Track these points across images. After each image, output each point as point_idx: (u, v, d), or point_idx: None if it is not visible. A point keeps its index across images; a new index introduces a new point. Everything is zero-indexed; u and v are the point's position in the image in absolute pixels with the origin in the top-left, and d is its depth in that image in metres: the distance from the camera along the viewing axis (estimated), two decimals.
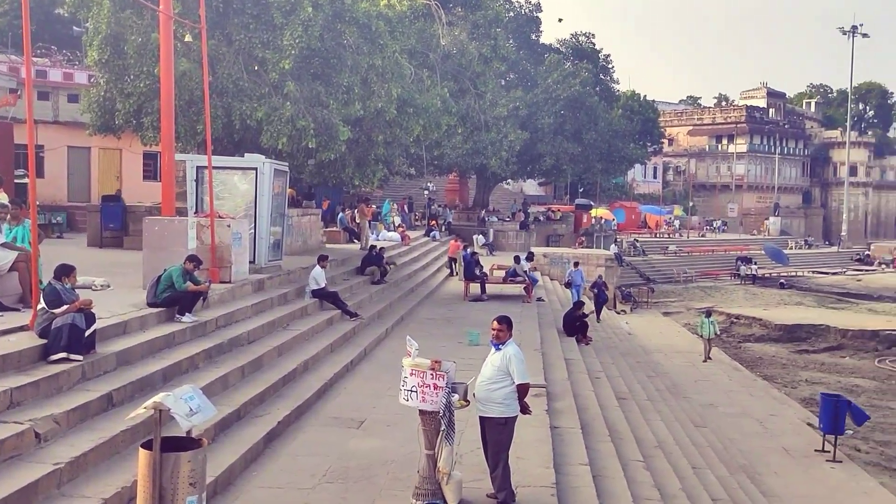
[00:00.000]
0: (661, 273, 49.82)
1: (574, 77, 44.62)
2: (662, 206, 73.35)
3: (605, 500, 8.78)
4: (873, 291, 47.41)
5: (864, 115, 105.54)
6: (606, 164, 50.72)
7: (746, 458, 15.17)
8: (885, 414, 20.38)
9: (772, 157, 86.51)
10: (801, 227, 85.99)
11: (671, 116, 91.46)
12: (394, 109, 18.70)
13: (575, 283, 26.27)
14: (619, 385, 16.30)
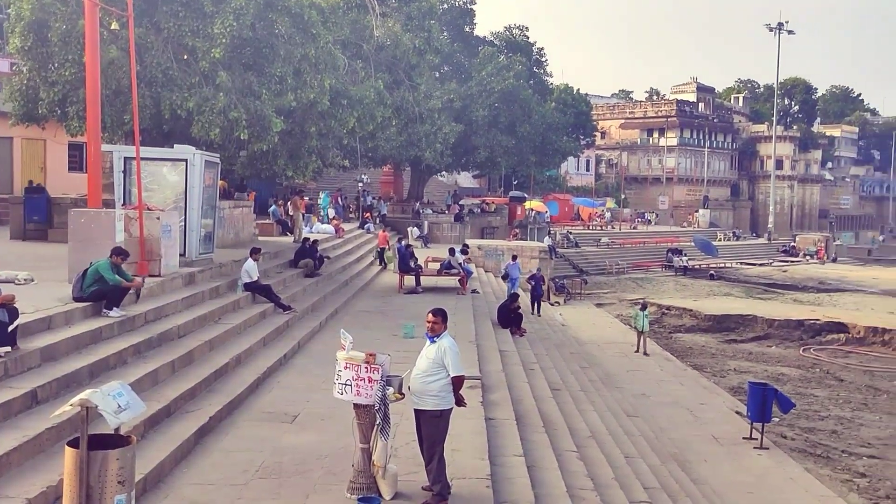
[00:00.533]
0: (594, 265, 50.43)
1: (508, 70, 44.81)
2: (595, 198, 74.25)
3: (539, 491, 8.83)
4: (798, 282, 48.74)
5: (789, 110, 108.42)
6: (540, 156, 51.14)
7: (677, 447, 15.44)
8: (810, 401, 20.96)
9: (701, 151, 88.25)
10: (729, 219, 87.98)
11: (604, 110, 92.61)
12: (327, 101, 18.53)
13: (511, 276, 26.19)
14: (553, 376, 16.43)
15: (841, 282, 49.39)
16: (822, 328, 31.03)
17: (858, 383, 23.80)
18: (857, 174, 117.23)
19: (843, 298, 41.29)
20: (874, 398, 22.05)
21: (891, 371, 26.13)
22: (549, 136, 49.58)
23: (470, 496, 7.63)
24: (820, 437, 17.69)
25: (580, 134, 69.79)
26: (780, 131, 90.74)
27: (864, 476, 14.94)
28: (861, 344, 29.68)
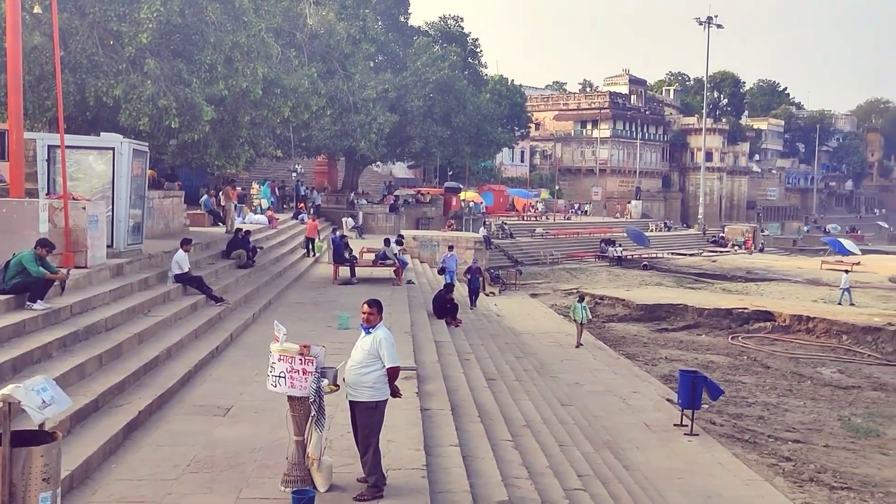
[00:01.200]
0: (529, 255, 50.79)
1: (443, 60, 44.75)
2: (530, 189, 74.78)
3: (475, 480, 8.86)
4: (727, 272, 49.80)
5: (718, 103, 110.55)
6: (475, 147, 51.24)
7: (610, 434, 15.65)
8: (738, 388, 21.43)
9: (634, 143, 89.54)
10: (661, 210, 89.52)
11: (538, 101, 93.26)
12: (259, 90, 18.25)
13: (449, 268, 25.77)
14: (489, 366, 16.49)
15: (768, 271, 50.63)
16: (750, 317, 31.74)
17: (784, 370, 24.42)
18: (783, 166, 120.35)
19: (770, 287, 42.36)
20: (798, 384, 22.65)
21: (814, 358, 26.89)
22: (483, 127, 49.70)
23: (405, 487, 7.61)
24: (747, 422, 18.10)
25: (515, 125, 70.15)
26: (710, 124, 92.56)
27: (789, 460, 15.34)
28: (786, 332, 30.46)
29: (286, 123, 22.36)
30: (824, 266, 54.21)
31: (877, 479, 14.69)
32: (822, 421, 18.80)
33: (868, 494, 13.77)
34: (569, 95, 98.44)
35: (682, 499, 12.59)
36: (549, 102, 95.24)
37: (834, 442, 17.05)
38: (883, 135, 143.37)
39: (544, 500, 9.43)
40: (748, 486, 13.36)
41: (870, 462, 15.82)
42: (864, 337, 28.91)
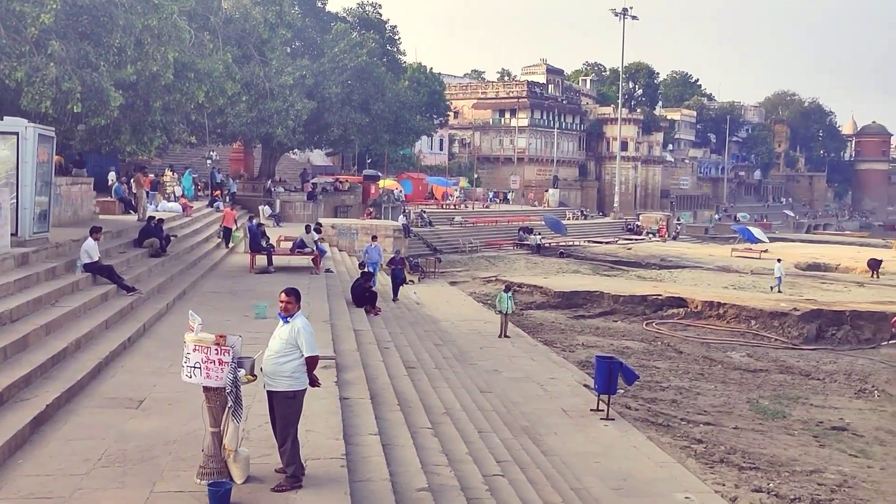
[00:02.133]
0: (448, 243, 50.93)
1: (361, 47, 44.41)
2: (449, 177, 74.91)
3: (394, 468, 8.86)
4: (641, 259, 50.83)
5: (633, 94, 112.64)
6: (394, 135, 51.06)
7: (529, 420, 15.82)
8: (652, 373, 21.92)
9: (551, 132, 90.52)
10: (577, 198, 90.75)
11: (456, 89, 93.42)
12: (171, 74, 17.73)
13: (371, 259, 25.18)
14: (408, 354, 16.49)
15: (681, 259, 51.87)
16: (664, 303, 32.48)
17: (696, 355, 25.09)
18: (695, 156, 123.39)
19: (683, 274, 43.38)
20: (710, 368, 23.30)
21: (725, 342, 27.70)
22: (402, 115, 49.54)
23: (325, 476, 7.56)
24: (661, 406, 18.53)
25: (434, 113, 70.14)
26: (626, 114, 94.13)
27: (700, 442, 15.76)
28: (699, 317, 31.28)
29: (201, 109, 21.83)
30: (734, 253, 55.87)
31: (782, 458, 15.22)
32: (732, 404, 19.38)
33: (774, 473, 14.25)
34: (487, 84, 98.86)
35: (599, 482, 12.82)
36: (468, 91, 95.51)
37: (743, 424, 17.59)
38: (789, 126, 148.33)
39: (464, 486, 9.48)
40: (662, 468, 13.68)
41: (776, 442, 16.38)
42: (772, 322, 29.90)
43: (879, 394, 21.55)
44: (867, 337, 29.31)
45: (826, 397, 20.81)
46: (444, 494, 8.94)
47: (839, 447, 16.40)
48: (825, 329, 29.65)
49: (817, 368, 24.43)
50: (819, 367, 24.58)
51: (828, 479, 14.22)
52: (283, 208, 39.25)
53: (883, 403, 20.58)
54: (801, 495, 13.21)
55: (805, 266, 50.45)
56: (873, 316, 29.99)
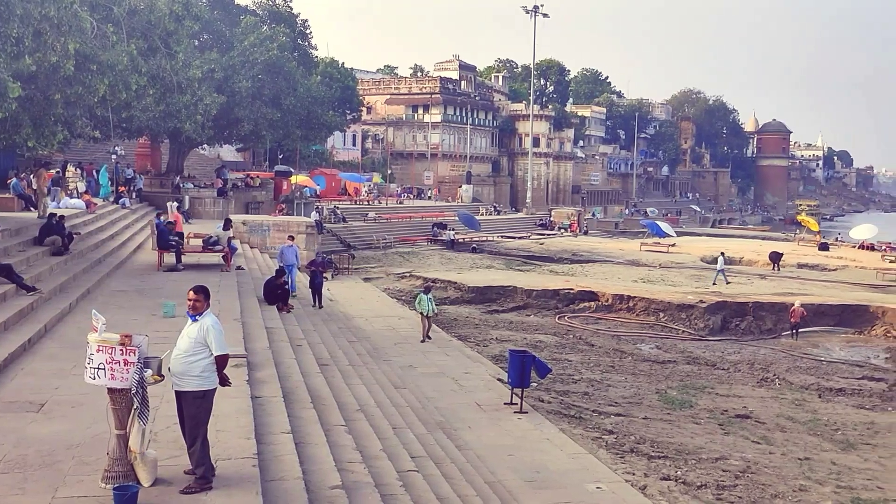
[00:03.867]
0: (361, 240, 50.70)
1: (272, 41, 43.70)
2: (362, 173, 74.57)
3: (308, 467, 8.77)
4: (553, 254, 51.48)
5: (545, 90, 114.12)
6: (306, 130, 50.44)
7: (443, 415, 15.86)
8: (565, 366, 22.25)
9: (464, 128, 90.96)
10: (491, 194, 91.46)
11: (369, 85, 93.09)
12: (71, 66, 17.13)
13: (287, 261, 23.16)
14: (322, 352, 16.35)
15: (592, 253, 52.72)
16: (576, 297, 33.00)
17: (607, 347, 25.58)
18: (605, 152, 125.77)
19: (594, 269, 44.14)
20: (620, 360, 23.78)
21: (635, 335, 28.31)
22: (314, 110, 48.95)
23: (236, 476, 7.43)
24: (573, 398, 18.82)
25: (346, 108, 69.64)
26: (537, 110, 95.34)
27: (611, 433, 16.07)
28: (609, 311, 31.89)
29: (105, 103, 21.16)
30: (643, 248, 57.11)
31: (690, 446, 15.64)
32: (642, 395, 19.82)
33: (682, 461, 14.63)
34: (400, 80, 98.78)
35: (513, 475, 12.93)
36: (381, 86, 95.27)
37: (652, 414, 18.01)
38: (695, 123, 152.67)
39: (378, 483, 9.46)
40: (574, 460, 13.88)
41: (683, 431, 16.83)
42: (679, 314, 30.70)
43: (780, 382, 22.36)
44: (769, 327, 30.39)
45: (731, 386, 21.47)
46: (357, 492, 8.89)
47: (743, 434, 16.94)
48: (730, 320, 30.62)
49: (722, 359, 25.20)
50: (724, 358, 25.37)
51: (732, 465, 14.68)
52: (192, 205, 38.41)
53: (783, 391, 21.36)
54: (707, 482, 13.60)
55: (711, 259, 51.90)
56: (774, 307, 31.10)
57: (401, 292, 33.81)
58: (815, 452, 16.06)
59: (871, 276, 44.43)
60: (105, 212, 28.05)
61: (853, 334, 30.42)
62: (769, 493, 13.44)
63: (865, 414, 19.51)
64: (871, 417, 19.16)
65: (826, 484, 14.13)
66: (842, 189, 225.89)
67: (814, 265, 49.06)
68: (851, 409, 19.90)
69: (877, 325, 30.62)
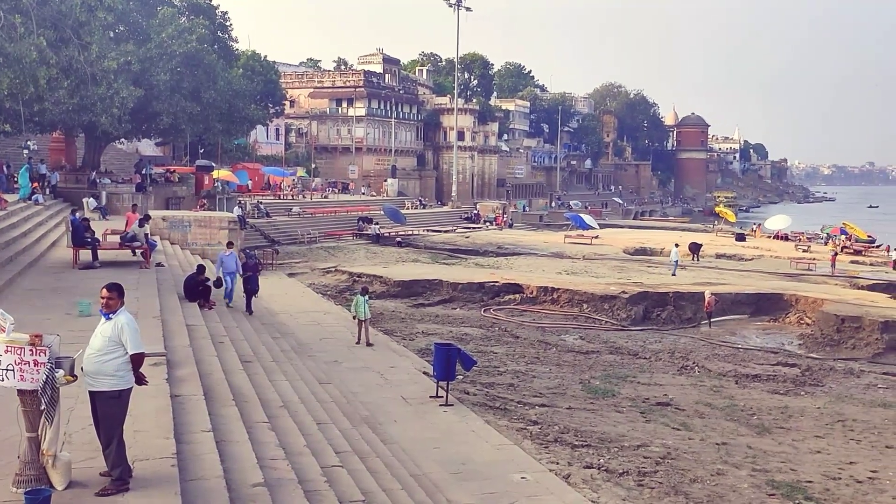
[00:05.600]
0: (286, 234, 50.19)
1: (190, 33, 42.71)
2: (286, 167, 73.75)
3: (229, 465, 8.66)
4: (479, 247, 51.80)
5: (469, 84, 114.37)
6: (227, 124, 49.51)
7: (369, 410, 15.81)
8: (490, 358, 22.39)
9: (389, 121, 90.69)
10: (416, 188, 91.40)
11: (292, 78, 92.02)
12: None
13: (228, 269, 21.29)
14: (244, 348, 16.12)
15: (517, 246, 53.22)
16: (501, 289, 33.25)
17: (532, 339, 25.84)
18: (529, 146, 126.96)
19: (519, 261, 44.52)
20: (545, 352, 24.05)
21: (559, 326, 28.66)
22: (236, 104, 48.08)
23: (154, 477, 7.29)
24: (499, 390, 18.96)
25: (269, 102, 68.74)
26: (461, 104, 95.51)
27: (536, 423, 16.24)
28: (534, 303, 32.22)
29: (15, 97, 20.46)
30: (567, 240, 57.89)
31: (612, 434, 15.91)
32: (566, 385, 20.08)
33: (605, 449, 14.88)
34: (323, 73, 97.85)
35: (438, 467, 12.97)
36: (304, 80, 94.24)
37: (576, 404, 18.26)
38: (616, 117, 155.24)
39: (301, 479, 9.38)
40: (499, 451, 13.99)
41: (606, 420, 17.11)
42: (602, 305, 31.20)
43: (699, 370, 22.92)
44: (688, 316, 31.13)
45: (652, 375, 21.92)
46: (280, 488, 8.80)
47: (663, 421, 17.31)
48: (651, 310, 31.25)
49: (644, 348, 25.71)
50: (646, 347, 25.89)
51: (653, 451, 14.99)
52: (109, 200, 37.48)
53: (702, 378, 21.90)
54: (629, 469, 13.85)
55: (633, 251, 52.94)
56: (694, 297, 31.85)
57: (326, 287, 33.59)
58: (732, 437, 16.51)
59: (785, 265, 45.93)
60: (17, 208, 27.14)
61: (768, 322, 31.40)
62: (688, 477, 13.76)
63: (780, 399, 20.16)
64: (785, 402, 19.81)
65: (742, 467, 14.54)
66: (757, 181, 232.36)
67: (731, 255, 50.48)
68: (766, 395, 20.53)
69: (791, 313, 31.65)
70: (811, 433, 17.27)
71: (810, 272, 43.07)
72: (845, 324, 27.62)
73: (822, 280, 40.01)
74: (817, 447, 16.27)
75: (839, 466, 15.05)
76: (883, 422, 18.38)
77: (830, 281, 39.95)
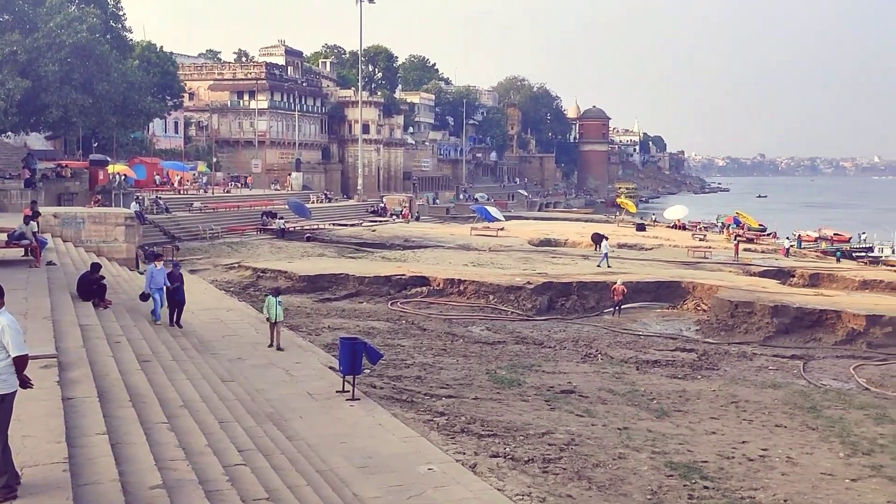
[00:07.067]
0: (187, 230, 48.97)
1: (81, 22, 41.30)
2: (186, 161, 72.03)
3: (125, 468, 8.38)
4: (386, 240, 51.59)
5: (373, 77, 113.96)
6: (122, 117, 48.10)
7: (274, 407, 15.55)
8: (397, 351, 22.33)
9: (292, 115, 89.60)
10: (321, 181, 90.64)
11: (191, 70, 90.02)
12: None
13: (157, 285, 20.07)
14: (143, 348, 15.64)
15: (423, 239, 53.22)
16: (408, 282, 33.18)
17: (439, 331, 25.89)
18: (435, 139, 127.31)
19: (426, 254, 44.55)
20: (452, 343, 24.12)
21: (466, 318, 28.81)
22: (131, 96, 46.73)
23: (44, 483, 7.02)
24: (406, 383, 18.91)
25: (167, 95, 67.07)
26: (366, 97, 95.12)
27: (443, 415, 16.26)
28: (441, 295, 32.28)
29: None
30: (473, 232, 58.21)
31: (518, 423, 16.07)
32: (473, 376, 20.18)
33: (510, 438, 15.01)
34: (224, 65, 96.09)
35: (345, 462, 12.86)
36: (204, 72, 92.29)
37: (482, 394, 18.36)
38: (521, 110, 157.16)
39: (202, 479, 9.15)
40: (406, 443, 13.96)
41: (512, 409, 17.26)
42: (508, 296, 31.48)
43: (602, 357, 23.39)
44: (592, 305, 31.72)
45: (557, 364, 22.23)
46: (180, 490, 8.56)
47: (567, 409, 17.57)
48: (556, 300, 31.70)
49: (549, 337, 26.07)
50: (551, 336, 26.25)
51: (557, 438, 15.20)
52: None
53: (605, 366, 22.35)
54: (534, 456, 14.01)
55: (538, 242, 53.61)
56: (597, 286, 32.48)
57: (229, 284, 32.92)
58: (633, 422, 16.89)
59: (683, 253, 47.32)
60: None
61: (668, 309, 32.28)
62: (591, 462, 14.00)
63: (678, 383, 20.74)
64: (683, 386, 20.39)
65: (642, 451, 14.88)
66: (657, 172, 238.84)
67: (632, 245, 51.66)
68: (665, 379, 21.09)
69: (688, 300, 32.62)
70: (707, 415, 17.82)
71: (706, 260, 44.49)
72: (739, 309, 28.59)
73: (717, 267, 41.35)
74: (712, 428, 16.81)
75: (732, 446, 15.58)
76: (773, 402, 19.12)
77: (725, 268, 41.31)
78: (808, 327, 27.65)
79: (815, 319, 27.79)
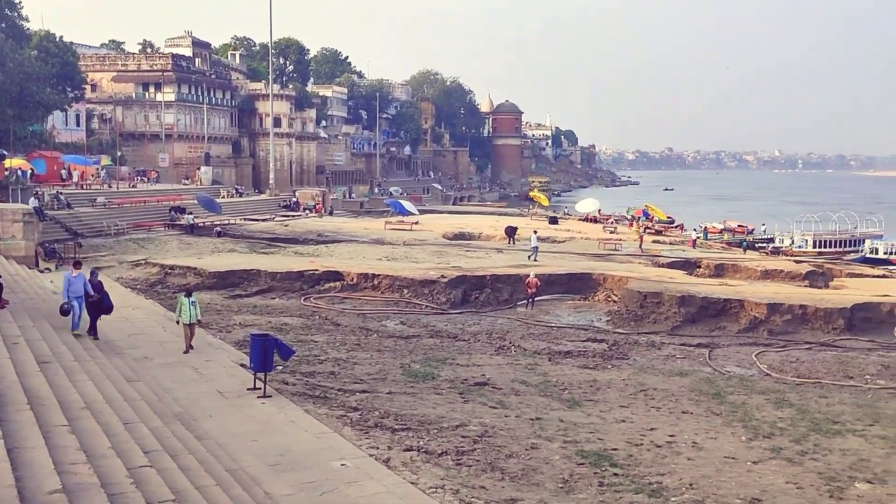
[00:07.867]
0: (90, 227, 47.41)
1: None
2: (89, 155, 69.70)
3: (22, 473, 8.07)
4: (298, 235, 51.01)
5: (285, 69, 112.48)
6: (19, 109, 46.28)
7: (182, 406, 15.18)
8: (311, 347, 22.09)
9: (201, 107, 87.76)
10: (232, 176, 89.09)
11: (93, 61, 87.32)
12: None
13: (76, 293, 18.93)
14: (42, 349, 15.08)
15: (337, 233, 52.83)
16: (321, 277, 32.90)
17: (353, 326, 25.74)
18: (348, 132, 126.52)
19: (340, 248, 44.20)
20: (366, 338, 24.01)
21: (380, 312, 28.71)
22: (28, 88, 45.02)
23: None
24: (319, 379, 18.71)
25: (67, 86, 64.84)
26: (277, 90, 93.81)
27: (356, 410, 16.14)
28: (355, 289, 32.10)
29: None
30: (387, 226, 58.08)
31: (432, 416, 16.07)
32: (387, 370, 20.11)
33: (424, 432, 14.99)
34: (128, 56, 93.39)
35: (256, 460, 12.63)
36: (107, 62, 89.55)
37: (396, 388, 18.31)
38: (434, 104, 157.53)
39: (105, 482, 8.84)
40: (319, 440, 13.81)
41: (426, 402, 17.26)
42: (422, 290, 31.51)
43: (515, 349, 23.60)
44: (505, 298, 32.01)
45: (471, 356, 22.34)
46: (81, 494, 8.26)
47: (481, 401, 17.66)
48: (470, 293, 31.89)
49: (463, 330, 26.20)
50: (465, 329, 26.39)
51: (471, 430, 15.25)
52: None
53: (518, 357, 22.56)
54: (448, 449, 14.02)
55: (452, 235, 53.81)
56: (510, 279, 32.80)
57: (135, 281, 32.07)
58: (546, 412, 17.08)
59: (595, 246, 48.12)
60: None
61: (579, 300, 32.80)
62: (504, 453, 14.10)
63: (589, 373, 21.08)
64: (594, 376, 20.73)
65: (555, 440, 15.06)
66: (569, 166, 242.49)
67: (545, 238, 52.22)
68: (577, 370, 21.41)
69: (599, 291, 33.22)
70: (617, 404, 18.15)
71: (617, 252, 45.35)
72: (647, 300, 29.25)
73: (627, 259, 42.20)
74: (622, 416, 17.13)
75: (641, 433, 15.90)
76: (680, 389, 19.62)
77: (635, 260, 42.20)
78: (714, 316, 28.47)
79: (719, 309, 28.63)
